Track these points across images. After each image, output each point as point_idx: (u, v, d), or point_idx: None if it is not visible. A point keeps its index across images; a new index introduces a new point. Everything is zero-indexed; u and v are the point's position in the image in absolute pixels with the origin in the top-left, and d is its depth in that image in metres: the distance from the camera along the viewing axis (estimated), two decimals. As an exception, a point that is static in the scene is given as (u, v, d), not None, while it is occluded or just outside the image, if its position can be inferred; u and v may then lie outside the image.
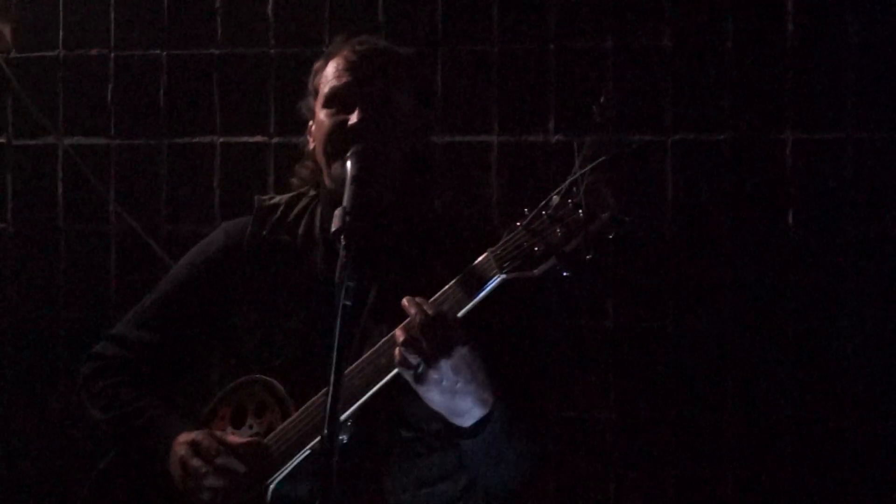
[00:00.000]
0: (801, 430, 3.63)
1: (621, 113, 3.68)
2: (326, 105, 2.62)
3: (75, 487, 2.81)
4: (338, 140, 2.55)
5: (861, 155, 3.62)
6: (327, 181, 2.62)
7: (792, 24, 3.64)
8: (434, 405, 2.37)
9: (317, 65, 2.71)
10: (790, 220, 3.65)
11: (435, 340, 2.28)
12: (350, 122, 2.54)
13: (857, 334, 3.61)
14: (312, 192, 2.75)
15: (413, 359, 2.30)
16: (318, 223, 2.69)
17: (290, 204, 2.75)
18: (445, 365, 2.29)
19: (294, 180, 2.79)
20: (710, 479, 3.67)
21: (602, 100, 3.41)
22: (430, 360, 2.29)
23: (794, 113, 3.65)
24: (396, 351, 2.32)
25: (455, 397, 2.34)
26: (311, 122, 2.72)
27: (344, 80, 2.60)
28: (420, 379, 2.31)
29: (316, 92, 2.67)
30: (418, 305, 2.32)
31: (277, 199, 2.77)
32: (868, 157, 3.62)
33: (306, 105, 2.73)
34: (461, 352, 2.30)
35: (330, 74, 2.63)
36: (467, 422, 2.39)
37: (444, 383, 2.31)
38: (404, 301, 2.33)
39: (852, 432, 3.61)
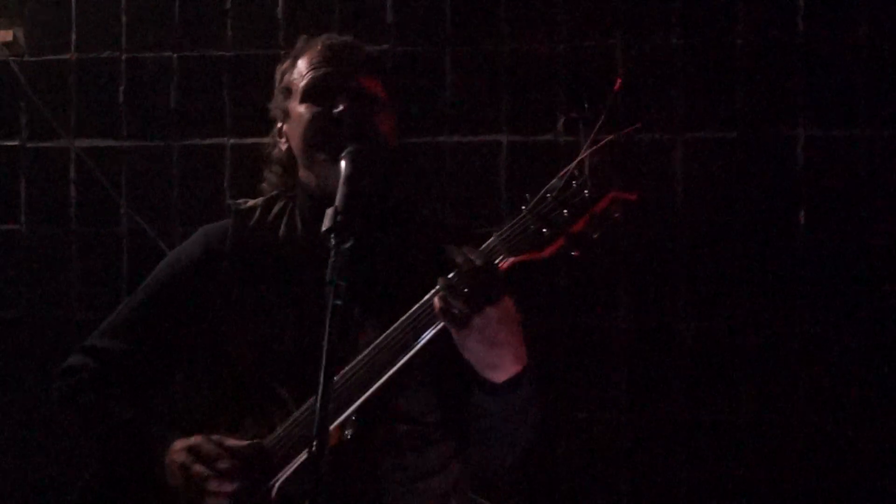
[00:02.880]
0: (815, 430, 3.61)
1: (632, 112, 3.67)
2: (305, 100, 2.58)
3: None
4: (322, 130, 2.53)
5: (873, 152, 3.61)
6: (313, 178, 2.57)
7: (802, 20, 3.64)
8: (472, 355, 2.33)
9: (283, 65, 2.67)
10: (802, 218, 3.64)
11: (482, 286, 2.26)
12: (336, 110, 2.51)
13: (871, 334, 3.59)
14: (289, 193, 2.70)
15: (458, 305, 2.27)
16: (298, 223, 2.65)
17: (267, 206, 2.70)
18: (491, 312, 2.27)
19: (264, 185, 2.74)
20: (723, 480, 3.65)
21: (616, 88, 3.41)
22: (475, 307, 2.26)
23: (806, 110, 3.64)
24: (437, 299, 2.29)
25: (494, 348, 2.31)
26: (280, 124, 2.68)
27: (322, 70, 2.57)
28: (463, 326, 2.28)
29: (288, 90, 2.63)
30: (464, 253, 2.29)
31: (252, 202, 2.72)
32: (880, 154, 3.61)
33: (276, 106, 2.68)
34: (507, 301, 2.29)
35: (304, 69, 2.59)
36: (501, 377, 2.36)
37: (487, 332, 2.28)
38: (449, 248, 2.30)
39: (866, 433, 3.59)
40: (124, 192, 3.92)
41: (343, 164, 2.41)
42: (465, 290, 2.26)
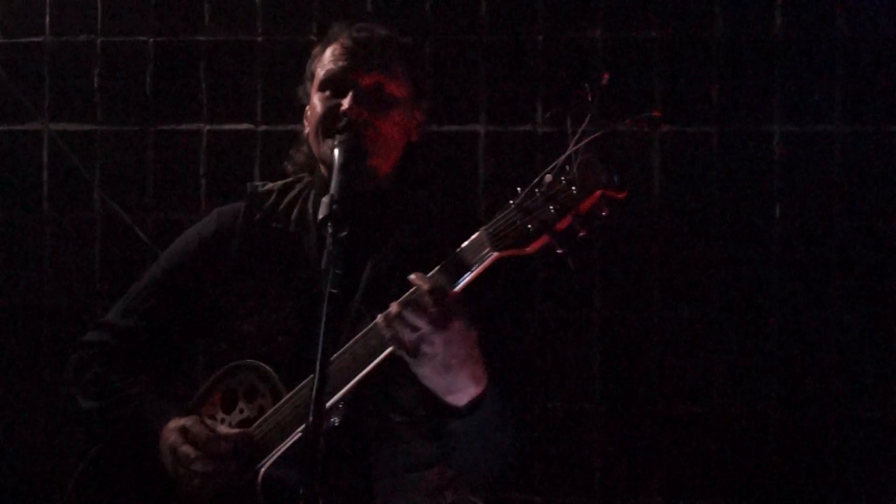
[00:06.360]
0: (787, 423, 3.63)
1: (609, 105, 3.67)
2: (321, 89, 2.63)
3: (64, 474, 2.79)
4: (329, 123, 2.56)
5: (848, 148, 3.64)
6: (322, 165, 2.63)
7: (780, 16, 3.65)
8: (427, 381, 2.33)
9: (315, 49, 2.72)
10: (777, 212, 3.66)
11: (430, 313, 2.25)
12: (342, 108, 2.55)
13: (844, 327, 3.62)
14: (306, 179, 2.75)
15: (405, 333, 2.27)
16: (310, 209, 2.69)
17: (283, 191, 2.75)
18: (439, 339, 2.26)
19: (289, 165, 2.80)
20: (695, 470, 3.67)
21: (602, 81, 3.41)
22: (424, 334, 2.26)
23: (782, 105, 3.65)
24: (385, 328, 2.28)
25: (449, 373, 2.30)
26: (307, 108, 2.72)
27: (339, 64, 2.61)
28: (413, 354, 2.28)
29: (312, 76, 2.68)
30: (413, 280, 2.29)
31: (270, 185, 2.77)
32: (855, 150, 3.63)
33: (303, 90, 2.73)
34: (456, 325, 2.27)
35: (326, 59, 2.64)
36: (462, 399, 2.36)
37: (438, 358, 2.28)
38: (411, 277, 2.30)
39: (838, 424, 3.62)
40: (98, 177, 3.89)
41: (336, 152, 2.46)
42: (412, 317, 2.25)
